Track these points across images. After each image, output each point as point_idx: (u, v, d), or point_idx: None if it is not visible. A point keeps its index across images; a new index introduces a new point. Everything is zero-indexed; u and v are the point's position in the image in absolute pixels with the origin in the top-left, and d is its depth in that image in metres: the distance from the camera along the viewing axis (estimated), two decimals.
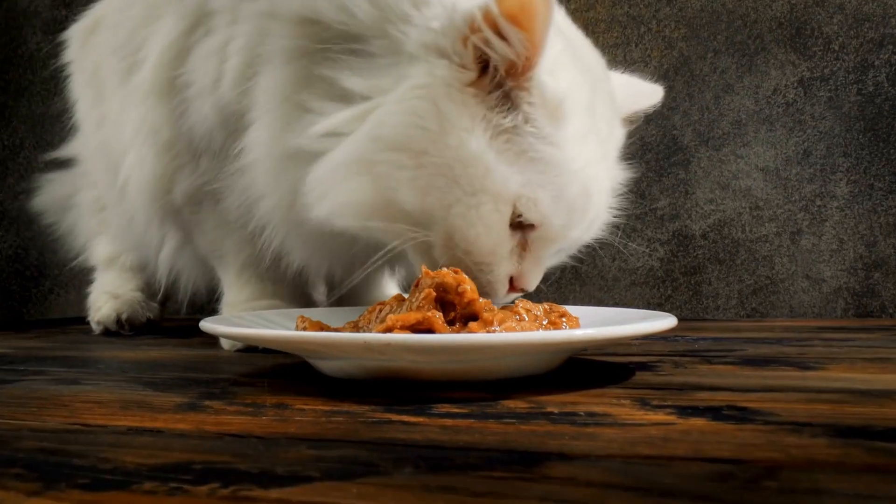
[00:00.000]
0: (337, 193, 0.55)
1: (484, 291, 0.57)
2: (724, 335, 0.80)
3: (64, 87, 0.90)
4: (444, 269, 0.50)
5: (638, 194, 1.14)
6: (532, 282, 0.59)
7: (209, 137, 0.67)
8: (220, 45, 0.64)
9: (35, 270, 1.43)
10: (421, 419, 0.38)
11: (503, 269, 0.57)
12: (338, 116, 0.56)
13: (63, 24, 0.91)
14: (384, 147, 0.54)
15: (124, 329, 0.94)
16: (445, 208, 0.54)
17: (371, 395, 0.45)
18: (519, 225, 0.56)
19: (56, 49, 0.89)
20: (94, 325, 0.96)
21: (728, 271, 1.11)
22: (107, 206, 0.92)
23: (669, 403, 0.41)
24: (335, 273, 0.73)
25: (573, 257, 0.69)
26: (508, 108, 0.55)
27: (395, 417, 0.39)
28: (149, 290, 0.97)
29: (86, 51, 0.83)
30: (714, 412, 0.39)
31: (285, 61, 0.58)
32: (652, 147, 1.15)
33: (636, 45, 1.16)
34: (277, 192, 0.62)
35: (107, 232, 0.98)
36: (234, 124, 0.64)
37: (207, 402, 0.44)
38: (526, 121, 0.54)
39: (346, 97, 0.57)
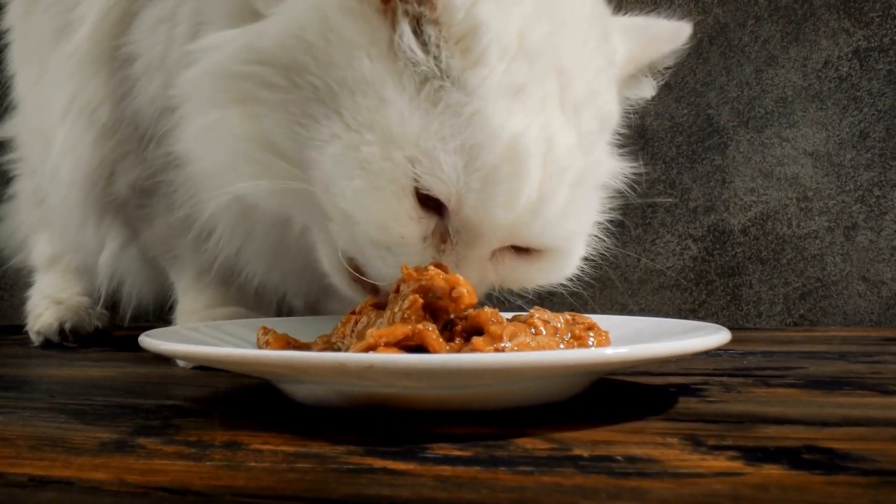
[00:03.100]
0: (198, 115, 0.50)
1: (373, 285, 0.49)
2: (774, 348, 0.75)
3: (4, 57, 0.86)
4: (432, 268, 0.44)
5: (667, 183, 1.11)
6: None
7: (157, 121, 0.62)
8: (170, 10, 0.59)
9: None
10: (411, 466, 0.33)
11: (410, 258, 0.47)
12: (224, 34, 0.51)
13: None
14: (254, 59, 0.48)
15: (68, 340, 0.89)
16: (320, 146, 0.47)
17: (349, 430, 0.39)
18: (429, 203, 0.47)
19: None
20: (33, 336, 0.91)
21: (772, 272, 1.07)
22: (46, 198, 0.87)
23: (730, 443, 0.36)
24: (305, 294, 0.67)
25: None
26: (414, 34, 0.47)
27: (377, 463, 0.33)
28: (97, 294, 0.92)
29: (31, 19, 0.78)
30: (791, 456, 0.33)
31: (224, 26, 0.53)
32: (683, 129, 1.11)
33: (665, 10, 1.11)
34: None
35: (47, 228, 0.94)
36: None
37: (141, 440, 0.38)
38: (427, 49, 0.47)
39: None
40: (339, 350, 0.45)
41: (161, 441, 0.38)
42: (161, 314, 0.83)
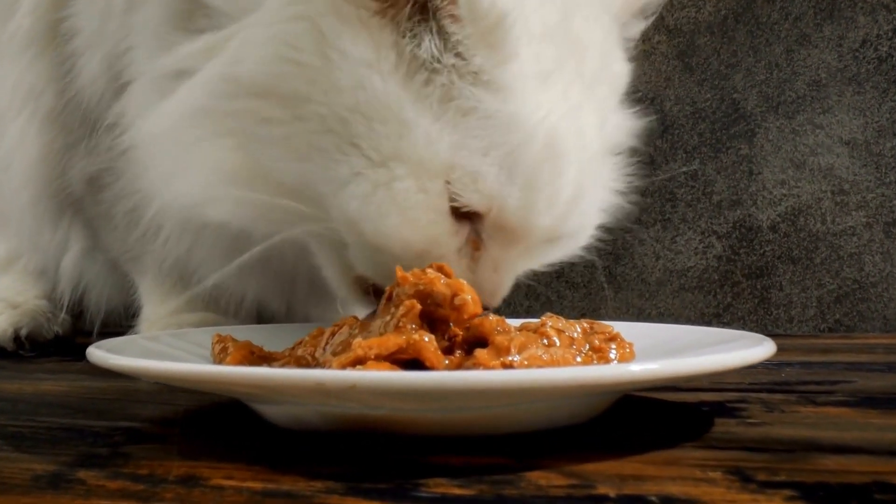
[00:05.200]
0: (187, 165, 0.47)
1: None
2: (813, 358, 0.72)
3: None
4: (431, 271, 0.41)
5: (689, 175, 1.09)
6: (493, 294, 0.50)
7: (101, 103, 0.59)
8: None
9: None
10: None
11: None
12: (183, 48, 0.47)
13: None
14: (241, 92, 0.45)
15: (25, 348, 0.86)
16: (339, 186, 0.45)
17: (330, 459, 0.36)
18: (463, 214, 0.46)
19: None
20: None
21: (804, 273, 1.06)
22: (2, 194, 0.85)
23: (784, 479, 0.32)
24: (271, 303, 0.65)
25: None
26: (426, 30, 0.44)
27: None
28: (59, 300, 0.89)
29: None
30: (861, 497, 0.29)
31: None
32: (706, 115, 1.09)
33: None
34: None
35: (5, 227, 0.90)
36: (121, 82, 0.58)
37: (82, 473, 0.35)
38: (450, 48, 0.44)
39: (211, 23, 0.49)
40: (307, 365, 0.41)
41: (105, 475, 0.34)
42: (131, 320, 0.81)
